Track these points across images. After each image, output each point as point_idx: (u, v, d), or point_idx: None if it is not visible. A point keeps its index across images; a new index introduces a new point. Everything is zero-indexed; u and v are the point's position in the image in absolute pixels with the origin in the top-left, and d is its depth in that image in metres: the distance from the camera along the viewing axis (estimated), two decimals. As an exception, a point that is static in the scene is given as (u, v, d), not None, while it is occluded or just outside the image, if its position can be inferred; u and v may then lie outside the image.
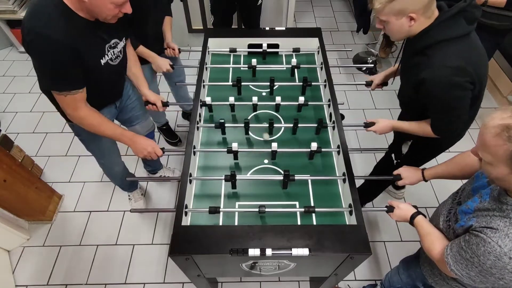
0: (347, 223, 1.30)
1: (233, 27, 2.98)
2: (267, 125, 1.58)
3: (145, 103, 1.71)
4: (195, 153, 1.47)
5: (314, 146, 1.42)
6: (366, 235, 1.16)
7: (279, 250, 1.12)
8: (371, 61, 3.18)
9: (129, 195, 2.26)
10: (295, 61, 1.81)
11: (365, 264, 2.02)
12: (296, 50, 1.94)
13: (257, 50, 1.94)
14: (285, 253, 1.12)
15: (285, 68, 1.88)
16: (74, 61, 1.19)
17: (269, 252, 1.11)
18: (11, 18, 3.04)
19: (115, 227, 2.19)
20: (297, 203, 1.37)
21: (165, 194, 2.37)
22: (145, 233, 2.17)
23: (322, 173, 1.48)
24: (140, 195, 2.28)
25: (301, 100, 1.62)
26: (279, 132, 1.62)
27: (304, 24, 3.73)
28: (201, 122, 1.66)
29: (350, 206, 1.27)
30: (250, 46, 1.97)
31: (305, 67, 1.90)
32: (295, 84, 1.81)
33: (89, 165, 2.39)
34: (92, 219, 2.23)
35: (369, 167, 2.10)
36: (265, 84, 1.76)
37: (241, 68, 1.85)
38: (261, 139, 1.60)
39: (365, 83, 1.77)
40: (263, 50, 1.92)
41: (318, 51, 1.95)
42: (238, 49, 1.92)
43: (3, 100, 2.92)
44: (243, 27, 2.82)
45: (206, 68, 1.85)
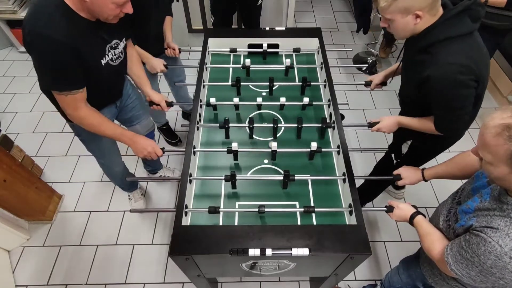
0: (347, 223, 1.30)
1: (233, 27, 2.98)
2: (267, 125, 1.59)
3: (149, 103, 1.70)
4: (195, 153, 1.47)
5: (314, 145, 1.42)
6: (366, 235, 1.16)
7: (279, 250, 1.12)
8: (371, 61, 3.18)
9: (129, 195, 2.26)
10: (288, 61, 1.81)
11: (365, 264, 2.02)
12: (296, 50, 1.94)
13: (257, 50, 1.94)
14: (285, 253, 1.12)
15: (284, 68, 1.87)
16: (75, 61, 1.19)
17: (269, 252, 1.11)
18: (11, 18, 3.04)
19: (115, 227, 2.19)
20: (297, 203, 1.37)
21: (165, 194, 2.37)
22: (145, 233, 2.17)
23: (322, 173, 1.48)
24: (140, 195, 2.28)
25: (306, 100, 1.62)
26: (280, 132, 1.62)
27: (304, 24, 3.73)
28: (201, 122, 1.66)
29: (350, 206, 1.27)
30: (250, 46, 1.97)
31: (299, 67, 1.91)
32: (294, 84, 1.81)
33: (89, 165, 2.39)
34: (92, 219, 2.23)
35: (369, 167, 2.10)
36: (265, 84, 1.76)
37: (241, 68, 1.85)
38: (262, 139, 1.60)
39: (364, 83, 1.77)
40: (263, 50, 1.92)
41: (318, 51, 1.95)
42: (238, 49, 1.92)
43: (3, 100, 2.92)
44: (243, 27, 2.82)
45: (206, 68, 1.85)
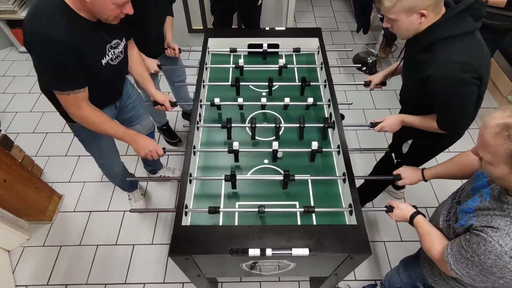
0: (347, 223, 1.30)
1: (233, 27, 2.98)
2: (269, 125, 1.58)
3: (153, 103, 1.70)
4: (195, 153, 1.47)
5: (315, 145, 1.41)
6: (366, 235, 1.16)
7: (279, 250, 1.12)
8: (371, 61, 3.18)
9: (129, 195, 2.26)
10: (283, 61, 1.81)
11: (365, 264, 2.02)
12: (296, 50, 1.94)
13: (257, 50, 1.94)
14: (285, 253, 1.11)
15: (278, 68, 1.87)
16: (75, 61, 1.19)
17: (269, 252, 1.10)
18: (11, 18, 3.04)
19: (115, 227, 2.19)
20: (297, 203, 1.37)
21: (165, 194, 2.37)
22: (145, 233, 2.17)
23: (322, 173, 1.48)
24: (140, 195, 2.28)
25: (310, 100, 1.62)
26: (280, 132, 1.62)
27: (304, 24, 3.73)
28: (201, 122, 1.66)
29: (350, 206, 1.27)
30: (250, 46, 1.96)
31: (299, 67, 1.91)
32: (294, 84, 1.80)
33: (89, 165, 2.39)
34: (92, 219, 2.23)
35: (369, 167, 2.10)
36: (264, 84, 1.76)
37: (235, 68, 1.85)
38: (263, 139, 1.60)
39: (363, 83, 1.77)
40: (263, 50, 1.92)
41: (318, 51, 1.95)
42: (238, 49, 1.92)
43: (3, 100, 2.92)
44: (243, 27, 2.82)
45: (206, 68, 1.85)
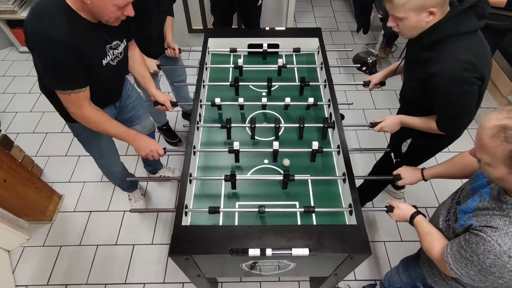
0: (347, 223, 1.30)
1: (233, 27, 2.98)
2: (269, 125, 1.58)
3: (154, 103, 1.70)
4: (195, 153, 1.47)
5: (315, 145, 1.41)
6: (366, 235, 1.16)
7: (279, 250, 1.12)
8: (371, 61, 3.18)
9: (129, 195, 2.26)
10: (281, 61, 1.81)
11: (365, 264, 2.02)
12: (296, 50, 1.94)
13: (257, 50, 1.94)
14: (285, 253, 1.12)
15: (277, 68, 1.87)
16: (76, 61, 1.19)
17: (269, 252, 1.11)
18: (11, 18, 3.04)
19: (115, 227, 2.19)
20: (297, 203, 1.37)
21: (165, 194, 2.37)
22: (145, 233, 2.17)
23: (322, 173, 1.48)
24: (140, 195, 2.28)
25: (311, 100, 1.62)
26: (280, 132, 1.62)
27: (304, 24, 3.73)
28: (201, 122, 1.66)
29: (350, 206, 1.27)
30: (250, 46, 1.96)
31: (299, 67, 1.91)
32: (293, 84, 1.80)
33: (89, 165, 2.38)
34: (92, 219, 2.23)
35: (369, 167, 2.10)
36: (264, 84, 1.76)
37: (234, 68, 1.85)
38: (263, 139, 1.60)
39: (363, 83, 1.77)
40: (263, 50, 1.92)
41: (318, 51, 1.95)
42: (238, 49, 1.92)
43: (3, 100, 2.92)
44: (243, 27, 2.82)
45: (206, 68, 1.85)
